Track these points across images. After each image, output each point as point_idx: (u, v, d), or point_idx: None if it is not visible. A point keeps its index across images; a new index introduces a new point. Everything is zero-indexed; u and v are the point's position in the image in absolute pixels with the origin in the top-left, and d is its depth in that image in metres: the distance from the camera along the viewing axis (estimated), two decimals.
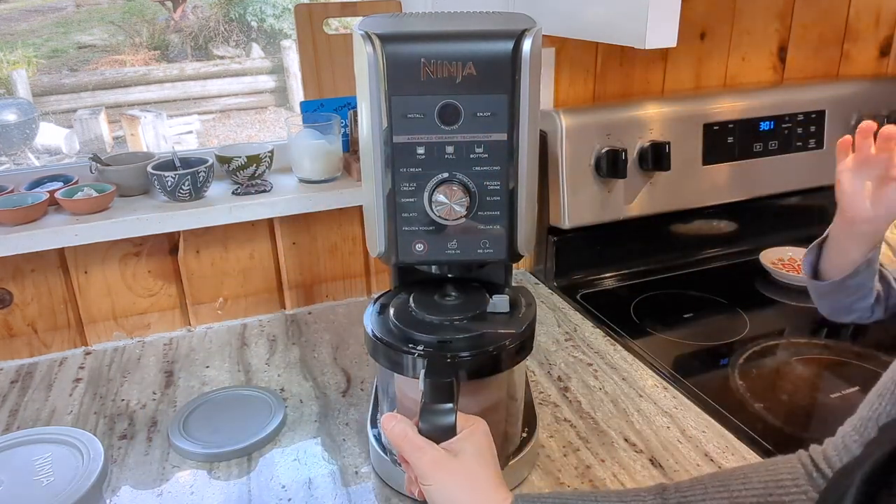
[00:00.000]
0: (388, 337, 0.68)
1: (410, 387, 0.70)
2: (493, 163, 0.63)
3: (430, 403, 0.59)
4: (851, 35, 1.45)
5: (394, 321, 0.70)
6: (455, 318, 0.69)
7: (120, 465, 0.81)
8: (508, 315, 0.71)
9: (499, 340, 0.67)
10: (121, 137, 6.20)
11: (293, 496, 0.76)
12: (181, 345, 1.08)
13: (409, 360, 0.66)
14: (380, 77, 0.60)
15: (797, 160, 1.35)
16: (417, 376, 0.64)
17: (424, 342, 0.66)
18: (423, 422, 0.58)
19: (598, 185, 1.20)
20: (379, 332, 0.69)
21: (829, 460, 0.57)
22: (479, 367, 0.66)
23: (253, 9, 7.89)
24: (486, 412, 0.69)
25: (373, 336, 0.69)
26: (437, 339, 0.66)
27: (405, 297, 0.74)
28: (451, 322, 0.69)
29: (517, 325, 0.69)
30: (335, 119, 1.12)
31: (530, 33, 0.60)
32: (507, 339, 0.67)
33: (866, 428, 0.56)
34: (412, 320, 0.70)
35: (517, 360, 0.69)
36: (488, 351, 0.66)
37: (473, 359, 0.65)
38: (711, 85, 1.37)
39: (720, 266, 1.34)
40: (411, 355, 0.65)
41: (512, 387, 0.74)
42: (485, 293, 0.73)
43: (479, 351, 0.65)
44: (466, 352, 0.65)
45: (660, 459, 0.80)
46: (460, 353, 0.65)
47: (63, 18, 7.93)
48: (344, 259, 1.20)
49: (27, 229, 0.97)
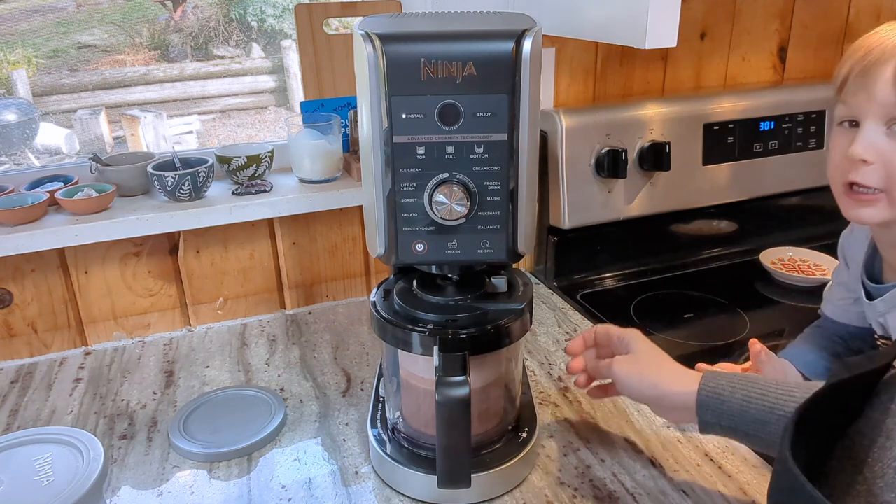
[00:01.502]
0: (395, 318, 0.70)
1: (416, 368, 0.73)
2: (494, 163, 0.63)
3: (444, 376, 0.63)
4: (851, 35, 1.45)
5: (399, 303, 0.72)
6: (458, 298, 0.72)
7: (120, 465, 0.81)
8: (507, 294, 0.73)
9: (503, 316, 0.70)
10: (121, 137, 6.19)
11: (293, 496, 0.76)
12: (181, 345, 1.08)
13: (418, 339, 0.68)
14: (380, 77, 0.60)
15: (797, 160, 1.35)
16: (429, 353, 0.67)
17: (433, 321, 0.69)
18: (439, 393, 0.62)
19: (598, 185, 1.20)
20: (387, 313, 0.71)
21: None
22: (487, 342, 0.69)
23: (253, 9, 7.89)
24: (491, 386, 0.74)
25: (379, 317, 0.71)
26: (446, 317, 0.69)
27: (407, 283, 0.76)
28: (456, 302, 0.71)
29: (517, 303, 0.72)
30: (335, 119, 1.12)
31: (530, 33, 0.60)
32: (511, 314, 0.70)
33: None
34: (417, 302, 0.72)
35: (520, 334, 0.72)
36: (500, 324, 0.69)
37: (482, 334, 0.68)
38: (711, 85, 1.37)
39: (720, 266, 1.34)
40: (422, 333, 0.68)
41: (514, 360, 0.78)
42: (483, 276, 0.75)
43: (493, 325, 0.69)
44: (474, 327, 0.68)
45: (660, 459, 0.80)
46: (469, 328, 0.68)
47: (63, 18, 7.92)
48: (344, 259, 1.20)
49: (27, 229, 0.97)
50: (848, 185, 0.73)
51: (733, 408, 0.64)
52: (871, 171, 0.70)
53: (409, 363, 0.74)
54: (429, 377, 0.70)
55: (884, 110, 0.68)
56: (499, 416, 0.77)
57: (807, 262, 1.29)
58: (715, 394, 0.65)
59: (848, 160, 0.71)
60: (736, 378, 0.66)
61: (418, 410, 0.76)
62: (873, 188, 0.70)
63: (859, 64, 0.69)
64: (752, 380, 0.65)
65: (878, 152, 0.69)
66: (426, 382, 0.72)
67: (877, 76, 0.68)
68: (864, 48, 0.70)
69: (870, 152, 0.69)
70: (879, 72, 0.68)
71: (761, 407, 0.63)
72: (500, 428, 0.77)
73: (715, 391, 0.65)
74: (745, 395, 0.64)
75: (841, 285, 0.90)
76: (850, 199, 0.73)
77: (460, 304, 0.71)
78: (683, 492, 0.74)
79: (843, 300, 0.90)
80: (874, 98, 0.68)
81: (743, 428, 0.64)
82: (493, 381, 0.74)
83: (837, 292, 0.92)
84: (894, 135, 0.68)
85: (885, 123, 0.69)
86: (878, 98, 0.68)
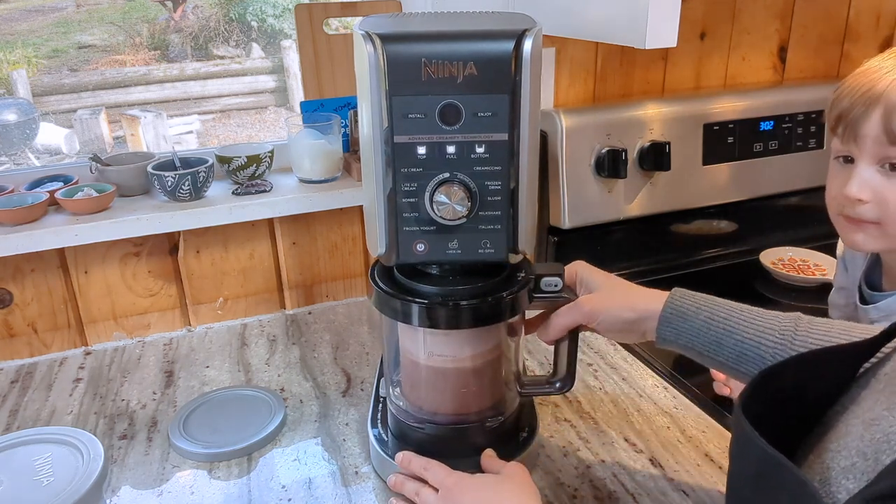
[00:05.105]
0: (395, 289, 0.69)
1: (412, 343, 0.73)
2: (494, 163, 0.63)
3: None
4: (851, 35, 1.45)
5: (400, 277, 0.71)
6: (456, 275, 0.71)
7: (120, 465, 0.81)
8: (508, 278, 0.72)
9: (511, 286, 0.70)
10: (121, 137, 6.19)
11: (293, 496, 0.76)
12: (181, 345, 1.08)
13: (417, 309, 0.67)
14: (380, 77, 0.60)
15: (797, 160, 1.35)
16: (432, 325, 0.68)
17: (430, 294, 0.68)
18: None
19: (598, 185, 1.20)
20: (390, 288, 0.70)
21: None
22: (490, 313, 0.69)
23: (253, 9, 7.89)
24: (494, 360, 0.74)
25: (381, 290, 0.70)
26: (441, 290, 0.68)
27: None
28: (454, 276, 0.70)
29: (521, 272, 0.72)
30: (335, 119, 1.12)
31: (531, 33, 0.60)
32: (515, 287, 0.70)
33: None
34: (417, 276, 0.71)
35: (521, 307, 0.72)
36: (513, 291, 0.68)
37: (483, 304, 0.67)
38: (711, 85, 1.37)
39: (720, 266, 1.34)
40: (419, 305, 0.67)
41: (514, 334, 0.77)
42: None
43: (510, 292, 0.69)
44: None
45: (660, 459, 0.80)
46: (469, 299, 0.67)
47: (63, 18, 7.92)
48: (344, 259, 1.20)
49: (27, 229, 0.97)
50: (844, 215, 0.76)
51: (694, 327, 0.66)
52: (867, 209, 0.73)
53: (406, 337, 0.74)
54: (425, 351, 0.70)
55: (875, 151, 0.71)
56: (502, 381, 0.77)
57: (807, 262, 1.29)
58: (679, 312, 0.67)
59: (844, 197, 0.74)
60: (702, 299, 0.68)
61: (417, 385, 0.76)
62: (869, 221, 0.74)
63: (850, 108, 0.72)
64: (719, 302, 0.67)
65: (872, 191, 0.72)
66: (418, 365, 0.73)
67: (867, 120, 0.71)
68: (855, 90, 0.72)
69: (865, 191, 0.72)
70: (870, 116, 0.70)
71: (721, 329, 0.65)
72: (495, 412, 0.76)
73: (680, 310, 0.67)
74: (709, 317, 0.66)
75: (842, 290, 0.91)
76: (847, 224, 0.77)
77: (459, 278, 0.70)
78: (683, 492, 0.74)
79: (847, 306, 0.90)
80: (866, 141, 0.71)
81: (699, 348, 0.66)
82: (497, 349, 0.74)
83: (840, 297, 0.92)
84: (887, 173, 0.72)
85: (878, 163, 0.72)
86: (868, 141, 0.71)
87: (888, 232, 0.73)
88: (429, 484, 0.69)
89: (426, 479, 0.69)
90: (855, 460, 0.43)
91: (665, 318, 0.67)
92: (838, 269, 0.93)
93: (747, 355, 0.64)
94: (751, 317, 0.65)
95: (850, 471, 0.43)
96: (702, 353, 0.66)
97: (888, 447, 0.41)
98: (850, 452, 0.44)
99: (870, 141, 0.71)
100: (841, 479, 0.43)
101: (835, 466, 0.45)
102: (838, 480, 0.43)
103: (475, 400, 0.75)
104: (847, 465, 0.44)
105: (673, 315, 0.67)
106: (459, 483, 0.67)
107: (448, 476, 0.68)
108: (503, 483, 0.67)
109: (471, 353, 0.72)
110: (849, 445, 0.45)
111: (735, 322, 0.65)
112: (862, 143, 0.72)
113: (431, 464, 0.70)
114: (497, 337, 0.74)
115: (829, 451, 0.46)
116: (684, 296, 0.68)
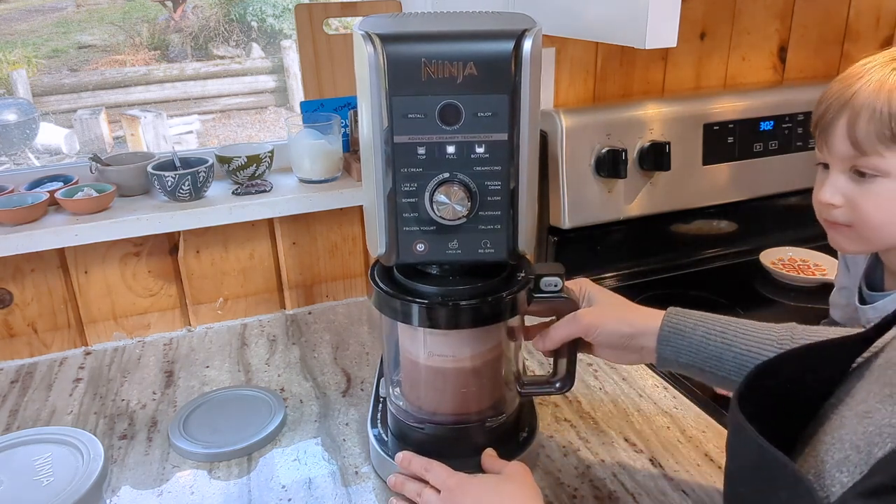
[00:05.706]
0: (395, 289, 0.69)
1: (412, 343, 0.73)
2: (494, 163, 0.63)
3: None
4: (851, 35, 1.45)
5: (400, 277, 0.71)
6: (456, 275, 0.71)
7: (120, 465, 0.81)
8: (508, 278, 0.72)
9: (511, 286, 0.69)
10: (121, 137, 6.19)
11: (293, 496, 0.76)
12: (181, 345, 1.08)
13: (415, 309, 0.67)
14: (380, 77, 0.60)
15: (797, 160, 1.35)
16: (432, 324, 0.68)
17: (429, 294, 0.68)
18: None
19: (598, 185, 1.20)
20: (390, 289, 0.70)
21: None
22: (490, 313, 0.68)
23: (253, 9, 7.89)
24: (494, 360, 0.74)
25: (381, 290, 0.69)
26: (441, 289, 0.68)
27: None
28: (454, 277, 0.70)
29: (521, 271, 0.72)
30: (335, 119, 1.12)
31: (531, 33, 0.60)
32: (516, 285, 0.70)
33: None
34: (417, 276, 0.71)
35: (521, 307, 0.71)
36: (513, 291, 0.68)
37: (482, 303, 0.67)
38: (711, 85, 1.37)
39: (720, 266, 1.34)
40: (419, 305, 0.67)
41: (513, 333, 0.77)
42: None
43: (510, 292, 0.68)
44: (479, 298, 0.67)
45: (660, 459, 0.80)
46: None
47: (63, 18, 7.92)
48: (344, 259, 1.20)
49: (27, 229, 0.97)
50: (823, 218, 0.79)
51: (693, 344, 0.66)
52: (840, 213, 0.76)
53: (405, 337, 0.74)
54: (425, 351, 0.70)
55: (843, 158, 0.73)
56: (503, 381, 0.77)
57: (807, 262, 1.29)
58: (676, 330, 0.67)
59: (817, 202, 0.78)
60: (698, 316, 0.69)
61: (416, 384, 0.76)
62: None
63: (823, 115, 0.74)
64: (714, 318, 0.68)
65: (843, 196, 0.75)
66: (417, 365, 0.73)
67: (835, 127, 0.73)
68: (830, 96, 0.74)
69: (836, 197, 0.75)
70: (837, 123, 0.72)
71: (720, 343, 0.65)
72: (495, 412, 0.76)
73: (677, 327, 0.68)
74: (706, 332, 0.66)
75: (844, 289, 0.91)
76: (827, 227, 0.79)
77: (458, 278, 0.70)
78: (683, 492, 0.74)
79: (848, 306, 0.91)
80: (833, 149, 0.74)
81: (699, 364, 0.66)
82: (497, 348, 0.74)
83: (841, 297, 0.92)
84: (856, 179, 0.74)
85: (848, 169, 0.74)
86: (834, 150, 0.74)
87: (862, 235, 0.75)
88: (430, 485, 0.69)
89: (427, 479, 0.69)
90: (848, 453, 0.43)
91: (664, 337, 0.68)
92: (840, 268, 0.93)
93: (747, 367, 0.64)
94: (746, 329, 0.66)
95: (843, 464, 0.43)
96: (703, 369, 0.67)
97: (880, 440, 0.41)
98: (844, 445, 0.44)
99: (834, 150, 0.74)
100: (835, 472, 0.43)
101: (829, 459, 0.45)
102: (832, 473, 0.44)
103: (475, 400, 0.75)
104: (841, 457, 0.44)
105: (671, 333, 0.68)
106: (461, 484, 0.67)
107: (450, 477, 0.68)
108: (505, 484, 0.67)
109: (471, 353, 0.72)
110: (842, 438, 0.45)
111: (732, 336, 0.65)
112: (832, 150, 0.74)
113: (433, 464, 0.70)
114: (497, 337, 0.73)
115: (824, 444, 0.46)
116: (679, 314, 0.69)
